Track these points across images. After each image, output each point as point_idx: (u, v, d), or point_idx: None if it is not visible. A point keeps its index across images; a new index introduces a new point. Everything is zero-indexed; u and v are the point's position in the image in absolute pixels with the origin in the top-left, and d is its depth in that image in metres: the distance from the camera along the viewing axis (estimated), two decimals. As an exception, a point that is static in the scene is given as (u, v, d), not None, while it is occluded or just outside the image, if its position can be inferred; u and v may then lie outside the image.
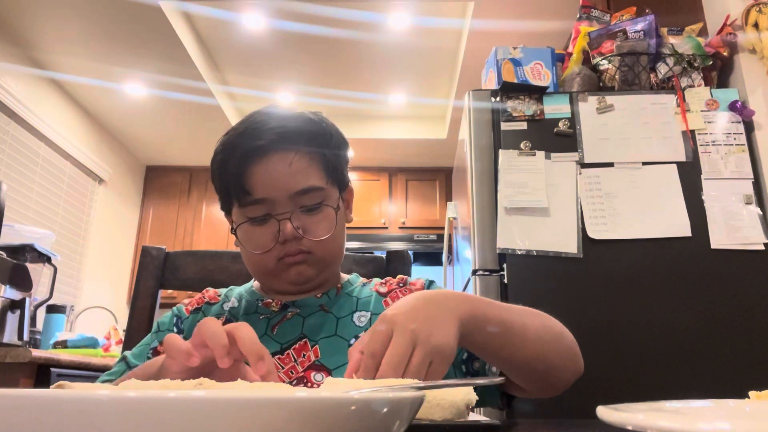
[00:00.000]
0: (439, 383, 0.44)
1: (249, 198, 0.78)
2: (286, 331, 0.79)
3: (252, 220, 0.79)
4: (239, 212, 0.80)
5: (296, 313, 0.81)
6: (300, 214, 0.78)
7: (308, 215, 0.79)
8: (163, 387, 0.42)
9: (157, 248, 1.10)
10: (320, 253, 0.80)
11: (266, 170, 0.77)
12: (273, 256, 0.78)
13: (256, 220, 0.79)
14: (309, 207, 0.79)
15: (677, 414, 0.40)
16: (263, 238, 0.78)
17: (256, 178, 0.77)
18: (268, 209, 0.78)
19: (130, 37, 3.12)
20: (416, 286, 0.86)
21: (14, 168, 3.26)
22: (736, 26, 1.87)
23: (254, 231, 0.79)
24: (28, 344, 2.08)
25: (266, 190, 0.77)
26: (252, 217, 0.79)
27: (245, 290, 0.89)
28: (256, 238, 0.79)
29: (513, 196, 1.73)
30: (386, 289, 0.87)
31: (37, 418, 0.24)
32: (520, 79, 1.89)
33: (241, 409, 0.24)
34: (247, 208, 0.79)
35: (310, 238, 0.78)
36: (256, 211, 0.78)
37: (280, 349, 0.77)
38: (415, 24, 3.25)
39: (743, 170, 1.73)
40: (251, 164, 0.78)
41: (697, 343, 1.59)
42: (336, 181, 0.83)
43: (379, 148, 4.39)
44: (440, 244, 4.30)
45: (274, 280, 0.82)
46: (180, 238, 4.54)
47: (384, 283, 0.88)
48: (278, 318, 0.81)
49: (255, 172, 0.77)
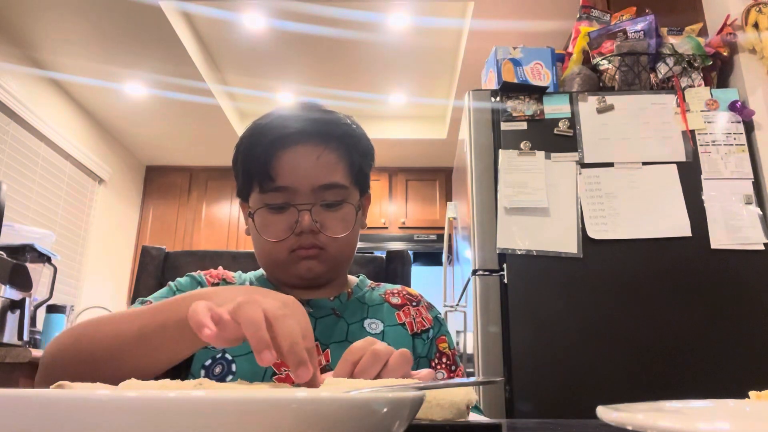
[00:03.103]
0: (439, 383, 0.44)
1: (272, 184, 0.77)
2: None
3: (270, 207, 0.78)
4: (258, 198, 0.79)
5: (309, 313, 0.80)
6: (320, 209, 0.78)
7: (328, 211, 0.79)
8: (162, 387, 0.42)
9: (157, 248, 1.10)
10: (333, 251, 0.79)
11: (294, 159, 0.77)
12: (286, 246, 0.78)
13: (273, 207, 0.78)
14: (330, 203, 0.78)
15: (677, 414, 0.40)
16: (279, 227, 0.77)
17: (283, 165, 0.77)
18: (289, 198, 0.77)
19: (130, 37, 3.12)
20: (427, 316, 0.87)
21: (14, 168, 3.26)
22: (736, 26, 1.87)
23: (271, 218, 0.78)
24: (28, 344, 2.08)
25: (291, 179, 0.77)
26: (270, 204, 0.78)
27: (255, 278, 0.88)
28: (272, 226, 0.78)
29: (513, 196, 1.73)
30: (399, 301, 0.87)
31: (37, 418, 0.24)
32: (520, 79, 1.89)
33: (242, 409, 0.24)
34: (267, 195, 0.78)
35: (326, 234, 0.78)
36: (276, 198, 0.77)
37: None
38: (415, 24, 3.25)
39: (743, 170, 1.73)
40: (279, 150, 0.77)
41: (697, 343, 1.59)
42: (359, 184, 0.84)
43: (379, 148, 4.32)
44: (440, 244, 4.30)
45: (283, 272, 0.81)
46: (180, 238, 4.54)
47: (396, 294, 0.88)
48: None
49: (282, 159, 0.77)
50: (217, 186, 4.65)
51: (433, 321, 0.87)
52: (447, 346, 0.85)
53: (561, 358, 1.58)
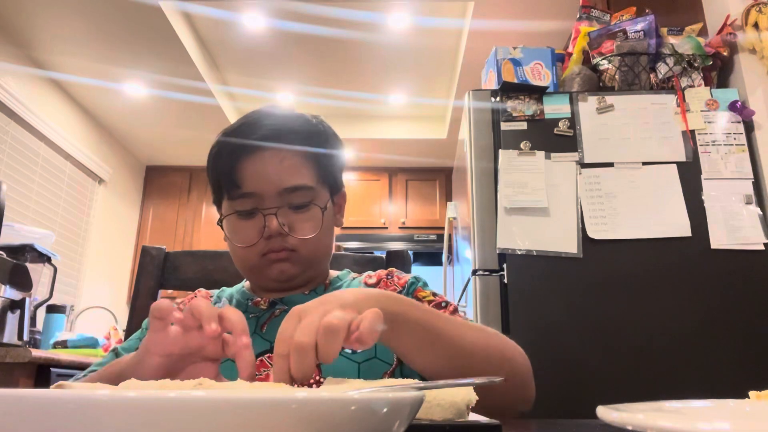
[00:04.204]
0: (439, 383, 0.44)
1: (238, 191, 0.78)
2: (274, 329, 0.79)
3: (239, 214, 0.79)
4: (228, 204, 0.81)
5: (284, 310, 0.81)
6: (287, 212, 0.79)
7: (295, 213, 0.79)
8: (162, 387, 0.42)
9: (156, 248, 1.10)
10: (304, 252, 0.80)
11: (257, 165, 0.78)
12: (257, 251, 0.79)
13: (242, 213, 0.79)
14: (297, 205, 0.79)
15: (677, 414, 0.40)
16: (248, 232, 0.79)
17: (247, 172, 0.78)
18: (256, 204, 0.78)
19: (130, 37, 3.12)
20: (401, 280, 0.85)
21: (14, 168, 3.26)
22: (736, 26, 1.87)
23: (240, 224, 0.80)
24: (28, 344, 2.08)
25: (255, 184, 0.78)
26: (239, 210, 0.79)
27: (236, 291, 0.89)
28: (241, 232, 0.79)
29: (513, 196, 1.73)
30: (375, 280, 0.86)
31: (37, 418, 0.24)
32: (520, 79, 1.89)
33: (241, 409, 0.24)
34: (235, 201, 0.79)
35: (294, 236, 0.78)
36: (243, 204, 0.79)
37: (269, 348, 0.76)
38: (415, 24, 3.25)
39: (743, 170, 1.73)
40: (243, 158, 0.79)
41: (697, 343, 1.59)
42: (327, 183, 0.84)
43: (379, 148, 4.39)
44: (440, 244, 4.30)
45: (258, 275, 0.82)
46: (180, 238, 4.54)
47: (373, 276, 0.88)
48: (267, 316, 0.81)
49: (246, 167, 0.78)
50: (217, 186, 4.64)
51: (410, 280, 0.85)
52: (428, 295, 0.82)
53: (561, 358, 1.58)
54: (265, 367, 0.75)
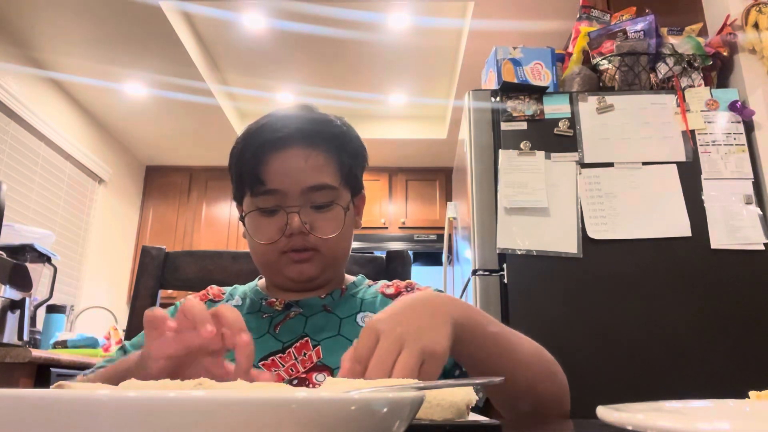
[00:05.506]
0: (439, 383, 0.44)
1: (262, 188, 0.78)
2: (288, 330, 0.79)
3: (261, 210, 0.79)
4: (250, 201, 0.81)
5: (299, 313, 0.81)
6: (310, 211, 0.79)
7: (318, 212, 0.80)
8: (162, 387, 0.42)
9: (156, 248, 1.10)
10: (325, 252, 0.80)
11: (282, 162, 0.78)
12: (277, 248, 0.79)
13: (265, 210, 0.79)
14: (319, 204, 0.79)
15: (677, 414, 0.40)
16: (270, 229, 0.79)
17: (272, 168, 0.78)
18: (279, 201, 0.79)
19: (131, 37, 3.12)
20: None
21: (14, 168, 3.26)
22: (736, 26, 1.87)
23: (262, 221, 0.80)
24: (28, 344, 2.08)
25: (279, 182, 0.78)
26: (262, 207, 0.79)
27: (249, 289, 0.89)
28: (263, 228, 0.79)
29: (513, 196, 1.73)
30: (393, 291, 0.86)
31: (37, 418, 0.24)
32: (520, 79, 1.89)
33: (242, 409, 0.24)
34: (258, 198, 0.79)
35: (316, 235, 0.78)
36: (267, 201, 0.79)
37: (281, 348, 0.77)
38: (415, 24, 3.25)
39: (743, 170, 1.73)
40: (268, 155, 0.79)
41: (697, 343, 1.59)
42: (349, 185, 0.84)
43: (379, 148, 4.39)
44: (440, 244, 4.30)
45: (276, 274, 0.82)
46: (180, 238, 4.54)
47: (391, 285, 0.88)
48: (281, 317, 0.81)
49: (271, 163, 0.78)
50: (217, 186, 4.65)
51: None
52: None
53: (561, 358, 1.57)
54: (276, 367, 0.75)
